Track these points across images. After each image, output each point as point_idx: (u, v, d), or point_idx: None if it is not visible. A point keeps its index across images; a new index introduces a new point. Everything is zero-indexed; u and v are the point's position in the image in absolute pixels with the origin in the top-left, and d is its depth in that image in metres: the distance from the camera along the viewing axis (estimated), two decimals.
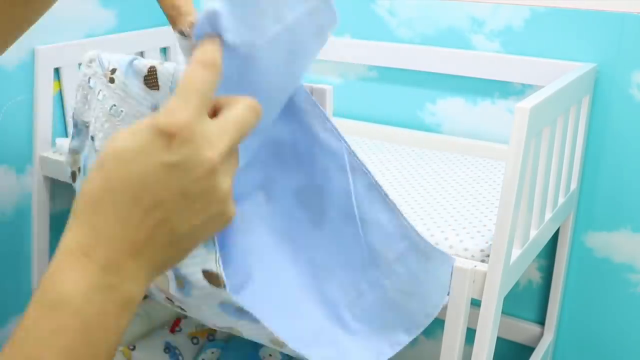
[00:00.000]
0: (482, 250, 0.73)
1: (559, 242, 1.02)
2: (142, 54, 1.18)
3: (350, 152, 0.68)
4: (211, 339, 1.30)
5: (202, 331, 1.30)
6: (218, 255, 0.63)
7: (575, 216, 1.01)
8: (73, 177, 0.83)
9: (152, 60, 0.67)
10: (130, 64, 0.67)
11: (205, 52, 0.45)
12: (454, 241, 0.75)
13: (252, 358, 1.25)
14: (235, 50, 0.49)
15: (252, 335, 0.71)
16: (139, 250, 0.42)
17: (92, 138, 0.75)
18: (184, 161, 0.41)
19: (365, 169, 0.69)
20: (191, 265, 0.64)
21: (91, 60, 0.74)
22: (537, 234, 0.80)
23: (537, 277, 1.10)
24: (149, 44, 1.20)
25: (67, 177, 1.05)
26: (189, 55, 0.63)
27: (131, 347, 1.25)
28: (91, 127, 0.75)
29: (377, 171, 0.97)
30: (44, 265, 1.17)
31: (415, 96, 1.13)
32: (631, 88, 0.93)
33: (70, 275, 0.40)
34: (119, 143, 0.41)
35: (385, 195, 0.69)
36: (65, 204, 1.22)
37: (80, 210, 0.42)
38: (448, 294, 0.72)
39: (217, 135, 0.42)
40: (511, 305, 1.12)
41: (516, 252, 0.74)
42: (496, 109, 1.06)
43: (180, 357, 1.25)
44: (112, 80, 0.69)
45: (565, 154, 0.88)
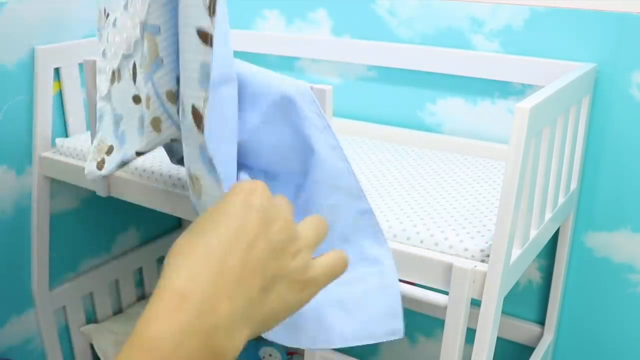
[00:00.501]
0: (482, 250, 0.73)
1: (559, 242, 1.02)
2: None
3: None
4: None
5: None
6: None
7: (575, 216, 1.01)
8: (99, 166, 0.85)
9: None
10: None
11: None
12: (454, 241, 0.75)
13: (252, 358, 1.25)
14: None
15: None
16: (234, 296, 0.44)
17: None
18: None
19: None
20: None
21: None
22: (537, 234, 0.80)
23: (537, 277, 1.10)
24: None
25: (69, 176, 1.06)
26: None
27: None
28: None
29: (377, 171, 0.97)
30: (44, 265, 1.17)
31: (415, 96, 1.13)
32: (631, 88, 0.93)
33: (164, 315, 0.42)
34: None
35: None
36: (65, 204, 1.22)
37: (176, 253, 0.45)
38: (448, 294, 0.73)
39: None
40: (511, 305, 1.12)
41: (516, 252, 0.74)
42: (496, 109, 1.06)
43: None
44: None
45: (565, 154, 0.88)
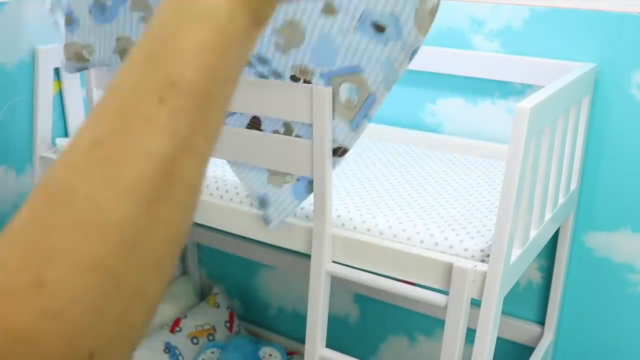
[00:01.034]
0: (482, 250, 0.73)
1: (559, 242, 1.02)
2: None
3: None
4: (211, 339, 1.31)
5: (202, 331, 1.30)
6: None
7: (575, 216, 1.01)
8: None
9: None
10: None
11: None
12: (454, 241, 0.75)
13: (252, 358, 1.26)
14: None
15: None
16: None
17: None
18: None
19: None
20: None
21: None
22: (537, 234, 0.80)
23: (537, 277, 1.10)
24: None
25: None
26: None
27: None
28: None
29: (378, 171, 0.97)
30: None
31: (415, 96, 1.13)
32: (631, 88, 0.93)
33: None
34: None
35: None
36: None
37: None
38: (448, 294, 0.73)
39: None
40: (511, 305, 1.12)
41: (516, 252, 0.74)
42: (496, 109, 1.06)
43: (180, 357, 1.25)
44: None
45: (565, 154, 0.88)
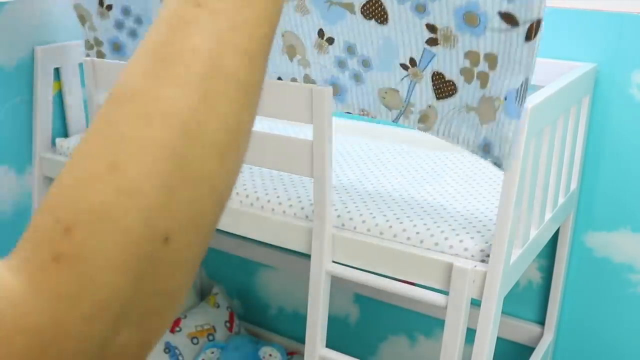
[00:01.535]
0: (482, 250, 0.73)
1: (559, 242, 1.02)
2: None
3: None
4: (211, 339, 1.31)
5: (202, 331, 1.30)
6: None
7: (575, 216, 1.01)
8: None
9: None
10: None
11: None
12: (454, 241, 0.75)
13: (252, 358, 1.26)
14: None
15: None
16: None
17: None
18: None
19: None
20: None
21: None
22: (537, 234, 0.80)
23: (537, 277, 1.10)
24: None
25: None
26: None
27: None
28: None
29: (378, 171, 0.97)
30: None
31: None
32: (631, 88, 0.93)
33: None
34: None
35: None
36: None
37: None
38: (448, 293, 0.73)
39: None
40: (511, 305, 1.12)
41: (516, 252, 0.74)
42: None
43: (180, 357, 1.25)
44: None
45: (565, 154, 0.88)
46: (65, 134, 1.14)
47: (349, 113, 0.87)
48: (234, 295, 1.46)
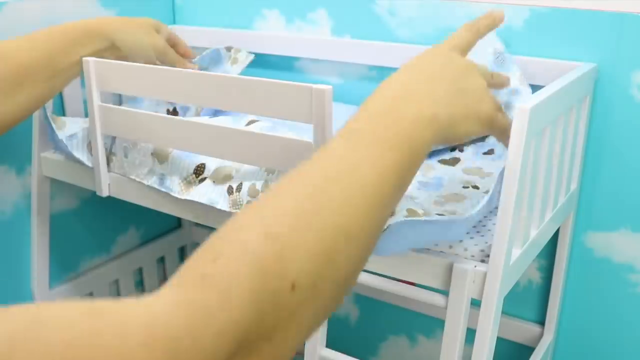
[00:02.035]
0: (482, 250, 0.73)
1: (559, 242, 1.02)
2: None
3: None
4: None
5: None
6: None
7: (575, 216, 1.01)
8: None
9: None
10: None
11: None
12: (453, 241, 0.75)
13: None
14: None
15: None
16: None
17: None
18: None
19: None
20: None
21: None
22: (538, 234, 0.80)
23: (537, 277, 1.10)
24: None
25: (69, 176, 1.06)
26: None
27: None
28: None
29: None
30: (44, 265, 1.17)
31: None
32: (631, 88, 0.93)
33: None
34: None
35: None
36: (65, 204, 1.22)
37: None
38: (448, 294, 0.73)
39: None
40: (511, 305, 1.12)
41: (516, 252, 0.74)
42: None
43: None
44: None
45: (565, 154, 0.88)
46: None
47: None
48: None
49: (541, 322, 1.10)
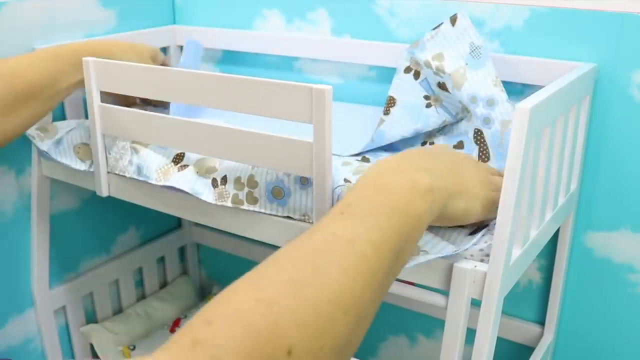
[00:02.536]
0: (481, 250, 0.73)
1: (559, 242, 1.02)
2: None
3: None
4: None
5: None
6: None
7: (575, 216, 1.01)
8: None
9: None
10: None
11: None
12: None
13: None
14: None
15: None
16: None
17: None
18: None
19: None
20: None
21: None
22: (538, 234, 0.80)
23: (537, 277, 1.10)
24: (148, 44, 1.20)
25: (69, 176, 1.05)
26: None
27: (131, 347, 1.25)
28: None
29: None
30: (44, 265, 1.17)
31: None
32: (631, 88, 0.93)
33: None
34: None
35: None
36: (65, 204, 1.22)
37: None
38: (448, 294, 0.72)
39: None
40: (511, 305, 1.12)
41: (516, 253, 0.74)
42: None
43: None
44: None
45: (565, 154, 0.88)
46: None
47: None
48: None
49: (541, 322, 1.10)
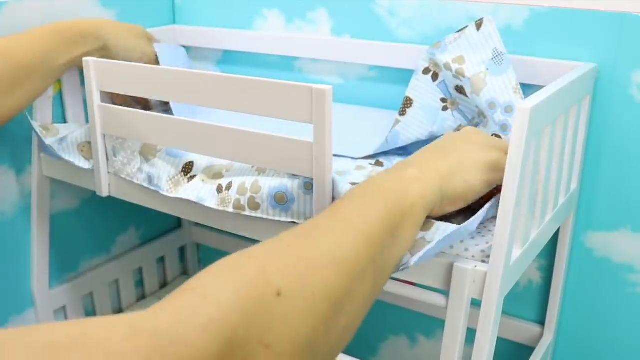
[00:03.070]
0: (482, 251, 0.73)
1: (559, 242, 1.02)
2: None
3: None
4: None
5: None
6: None
7: (575, 216, 1.01)
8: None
9: None
10: None
11: None
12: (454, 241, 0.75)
13: None
14: None
15: None
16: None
17: None
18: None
19: None
20: None
21: None
22: (538, 234, 0.80)
23: (537, 277, 1.10)
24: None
25: (69, 176, 1.05)
26: None
27: None
28: None
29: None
30: (44, 265, 1.17)
31: None
32: (631, 88, 0.93)
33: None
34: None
35: None
36: (65, 204, 1.22)
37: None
38: (448, 295, 0.72)
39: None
40: (511, 305, 1.12)
41: (516, 253, 0.74)
42: None
43: None
44: None
45: (565, 154, 0.88)
46: None
47: None
48: None
49: (541, 322, 1.10)
